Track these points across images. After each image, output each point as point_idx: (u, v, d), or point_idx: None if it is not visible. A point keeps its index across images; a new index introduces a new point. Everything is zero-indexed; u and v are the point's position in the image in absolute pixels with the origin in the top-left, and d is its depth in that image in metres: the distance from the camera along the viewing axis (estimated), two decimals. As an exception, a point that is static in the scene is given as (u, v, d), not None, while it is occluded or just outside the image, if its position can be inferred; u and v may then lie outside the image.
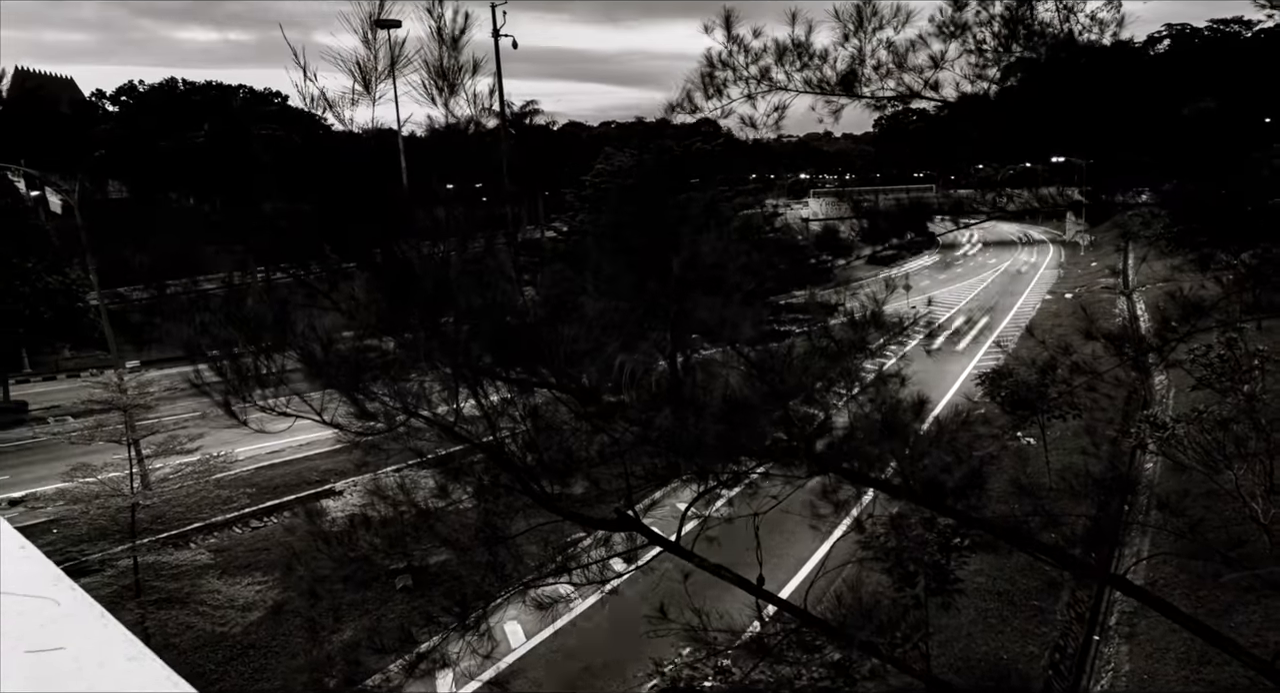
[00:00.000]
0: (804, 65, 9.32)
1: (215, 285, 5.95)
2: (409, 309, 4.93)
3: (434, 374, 5.08)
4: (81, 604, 0.96)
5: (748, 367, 5.89)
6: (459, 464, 5.82)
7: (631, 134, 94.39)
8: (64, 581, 0.96)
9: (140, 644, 0.92)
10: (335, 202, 6.07)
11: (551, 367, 5.25)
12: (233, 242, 6.90)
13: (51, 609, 0.91)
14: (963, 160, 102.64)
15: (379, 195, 6.30)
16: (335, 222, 5.91)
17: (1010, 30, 9.20)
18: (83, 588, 1.00)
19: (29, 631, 0.88)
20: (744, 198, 53.90)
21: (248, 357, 4.64)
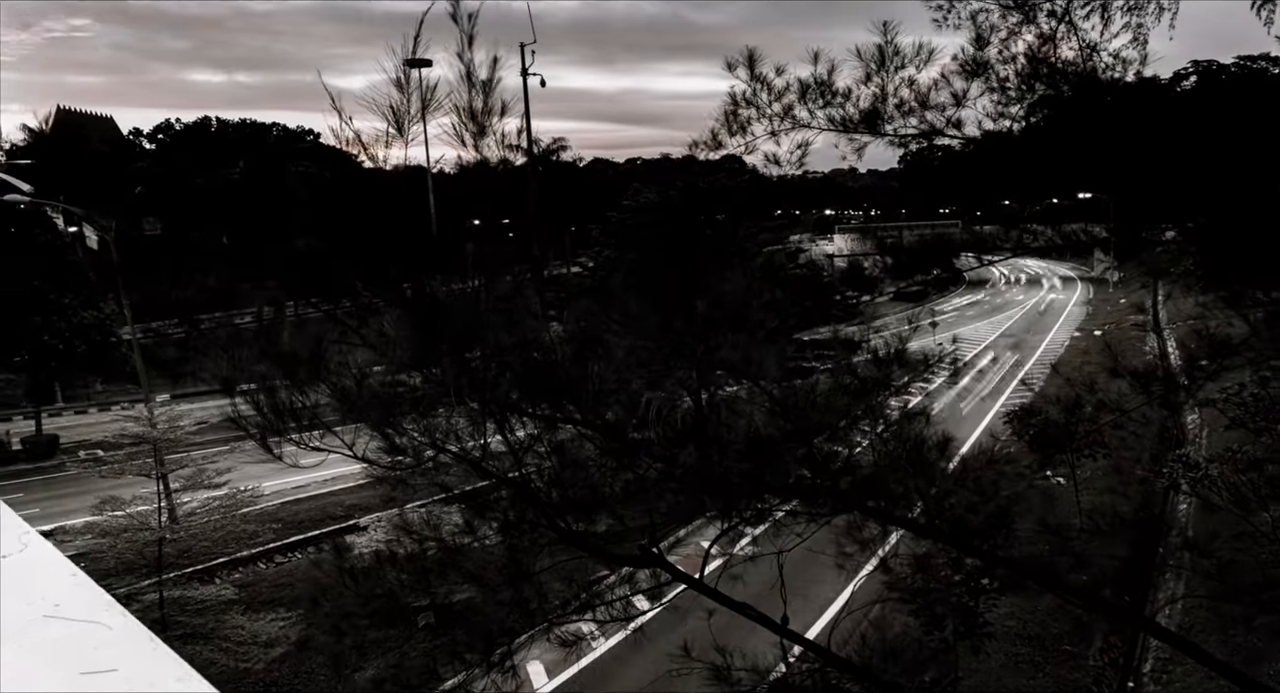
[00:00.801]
0: (827, 103, 9.41)
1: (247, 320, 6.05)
2: (438, 345, 5.00)
3: (462, 409, 5.13)
4: (132, 629, 1.00)
5: (771, 404, 5.89)
6: (485, 500, 5.85)
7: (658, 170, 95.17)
8: (115, 606, 1.00)
9: (188, 667, 0.96)
10: (366, 238, 6.18)
11: (577, 403, 5.29)
12: (265, 277, 7.03)
13: (104, 634, 0.96)
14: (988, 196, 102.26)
15: (409, 232, 6.41)
16: (366, 257, 6.02)
17: (1033, 69, 9.26)
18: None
19: (83, 653, 0.93)
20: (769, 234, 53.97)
21: (283, 392, 4.72)
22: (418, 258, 6.15)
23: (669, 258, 9.51)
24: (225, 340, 5.17)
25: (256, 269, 51.99)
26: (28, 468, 43.80)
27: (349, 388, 4.76)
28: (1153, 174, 10.28)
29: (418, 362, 5.11)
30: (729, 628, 7.91)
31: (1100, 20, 10.29)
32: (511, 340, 5.19)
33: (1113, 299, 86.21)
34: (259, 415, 4.85)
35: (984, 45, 9.20)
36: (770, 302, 7.43)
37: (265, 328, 7.83)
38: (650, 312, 6.72)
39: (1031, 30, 10.17)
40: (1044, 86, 9.35)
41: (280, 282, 7.47)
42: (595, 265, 57.05)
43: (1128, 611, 8.41)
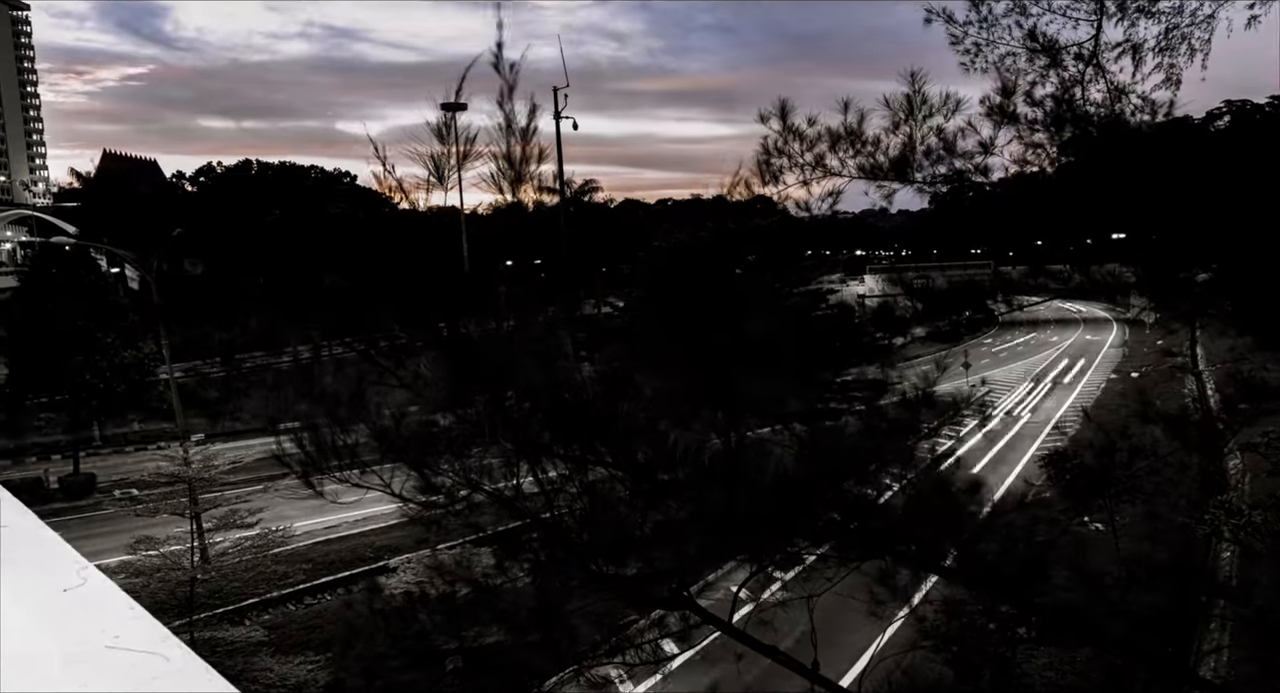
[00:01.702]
0: (857, 152, 9.51)
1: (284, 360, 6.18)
2: (472, 386, 5.07)
3: (495, 449, 5.18)
4: (189, 661, 1.05)
5: (800, 446, 5.89)
6: (517, 540, 5.87)
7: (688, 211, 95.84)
8: (172, 639, 1.05)
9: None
10: (402, 279, 6.30)
11: (607, 444, 5.32)
12: (302, 317, 7.17)
13: (162, 664, 1.01)
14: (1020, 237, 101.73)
15: (444, 273, 6.52)
16: (402, 298, 6.13)
17: (1059, 114, 9.30)
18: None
19: (142, 683, 0.98)
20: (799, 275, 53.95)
21: (326, 431, 4.81)
22: (452, 299, 6.26)
23: (699, 299, 9.55)
24: (269, 381, 5.28)
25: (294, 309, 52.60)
26: (64, 507, 44.41)
27: (388, 427, 4.84)
28: (1186, 215, 10.24)
29: (453, 402, 5.19)
30: (758, 674, 7.81)
31: (1131, 62, 10.32)
32: (544, 381, 5.25)
33: (1149, 341, 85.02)
34: (302, 453, 4.93)
35: (1010, 93, 9.27)
36: (799, 344, 7.45)
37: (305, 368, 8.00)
38: (680, 353, 6.76)
39: (1059, 74, 10.22)
40: (1072, 130, 9.38)
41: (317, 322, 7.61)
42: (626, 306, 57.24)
43: (1169, 662, 8.21)
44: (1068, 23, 10.24)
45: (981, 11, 10.29)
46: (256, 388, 33.44)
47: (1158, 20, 10.35)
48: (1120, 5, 10.17)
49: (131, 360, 52.10)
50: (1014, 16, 10.20)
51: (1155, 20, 10.35)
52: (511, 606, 6.02)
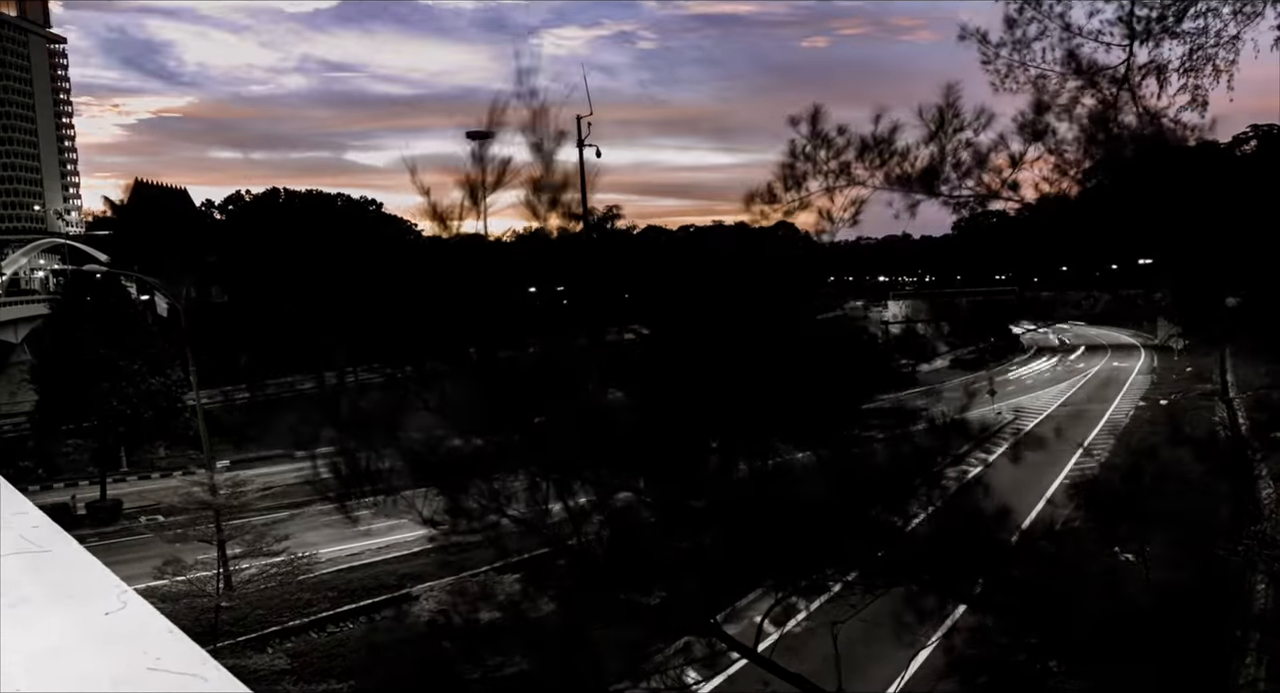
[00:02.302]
0: (884, 162, 9.49)
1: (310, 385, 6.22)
2: (502, 411, 5.10)
3: (523, 474, 5.19)
4: (226, 682, 1.06)
5: (826, 473, 5.85)
6: (544, 566, 5.85)
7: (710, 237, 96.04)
8: (210, 662, 1.07)
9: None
10: (430, 305, 6.35)
11: (633, 470, 5.32)
12: (331, 343, 7.24)
13: (200, 685, 1.02)
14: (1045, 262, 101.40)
15: (472, 299, 6.56)
16: (430, 324, 6.18)
17: (1092, 133, 9.27)
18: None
19: (182, 704, 1.00)
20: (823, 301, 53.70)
21: (357, 456, 4.84)
22: (480, 325, 6.30)
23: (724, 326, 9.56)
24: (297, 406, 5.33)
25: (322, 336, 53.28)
26: (91, 533, 44.76)
27: (418, 452, 4.87)
28: (1214, 240, 10.15)
29: (482, 427, 5.21)
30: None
31: (1156, 83, 10.29)
32: (570, 407, 5.27)
33: (1178, 367, 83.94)
34: (334, 478, 4.96)
35: (1044, 110, 9.26)
36: (823, 370, 7.43)
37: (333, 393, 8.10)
38: (705, 380, 6.75)
39: (1092, 95, 10.21)
40: (1104, 151, 9.35)
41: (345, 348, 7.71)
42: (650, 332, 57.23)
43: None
44: (1100, 46, 10.25)
45: (1015, 33, 10.33)
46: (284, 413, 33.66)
47: (1182, 41, 10.31)
48: (1147, 27, 10.15)
49: (159, 387, 52.67)
50: (1047, 39, 10.22)
51: (1180, 41, 10.31)
52: (537, 633, 6.00)
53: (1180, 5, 10.23)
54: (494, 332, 6.15)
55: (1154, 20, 10.19)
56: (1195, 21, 10.35)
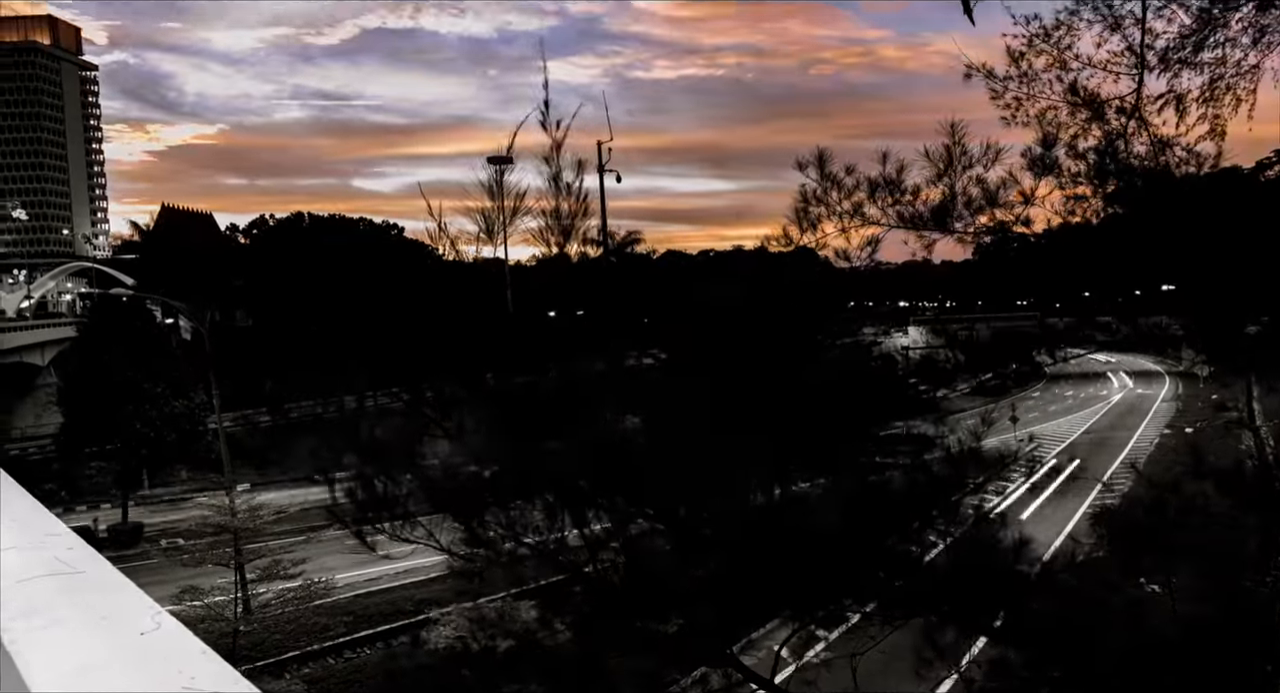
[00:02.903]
0: (895, 201, 9.55)
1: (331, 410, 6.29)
2: (518, 437, 5.13)
3: (539, 502, 5.22)
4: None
5: (844, 501, 5.84)
6: (559, 594, 5.86)
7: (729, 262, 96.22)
8: (243, 682, 1.10)
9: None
10: (449, 330, 6.41)
11: (650, 497, 5.33)
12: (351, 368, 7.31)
13: (235, 706, 1.07)
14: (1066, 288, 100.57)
15: (489, 325, 6.62)
16: (449, 348, 6.24)
17: (1101, 166, 9.27)
18: None
19: (218, 724, 1.04)
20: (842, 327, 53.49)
21: (378, 482, 4.89)
22: (498, 350, 6.36)
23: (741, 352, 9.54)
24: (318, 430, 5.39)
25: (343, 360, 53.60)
26: (112, 556, 44.71)
27: (435, 478, 4.91)
28: (1238, 266, 10.09)
29: (498, 454, 5.25)
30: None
31: (1175, 113, 10.27)
32: (587, 434, 5.30)
33: (1203, 395, 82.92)
34: (352, 504, 5.00)
35: (1051, 145, 9.29)
36: (842, 397, 7.42)
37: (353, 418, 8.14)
38: (723, 406, 6.77)
39: (1101, 127, 10.21)
40: (1115, 183, 9.34)
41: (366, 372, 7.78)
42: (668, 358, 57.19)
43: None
44: (1109, 77, 10.25)
45: (1021, 67, 10.36)
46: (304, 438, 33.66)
47: (1200, 71, 10.29)
48: (1162, 57, 10.14)
49: (181, 410, 53.09)
50: (1054, 71, 10.25)
51: (1198, 71, 10.30)
52: (554, 661, 5.98)
53: (1199, 36, 10.23)
54: (512, 356, 6.21)
55: (1170, 51, 10.19)
56: (1214, 52, 10.33)
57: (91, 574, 1.56)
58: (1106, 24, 9.98)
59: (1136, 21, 9.90)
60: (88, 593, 1.46)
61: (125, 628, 1.26)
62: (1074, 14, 10.06)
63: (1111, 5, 9.93)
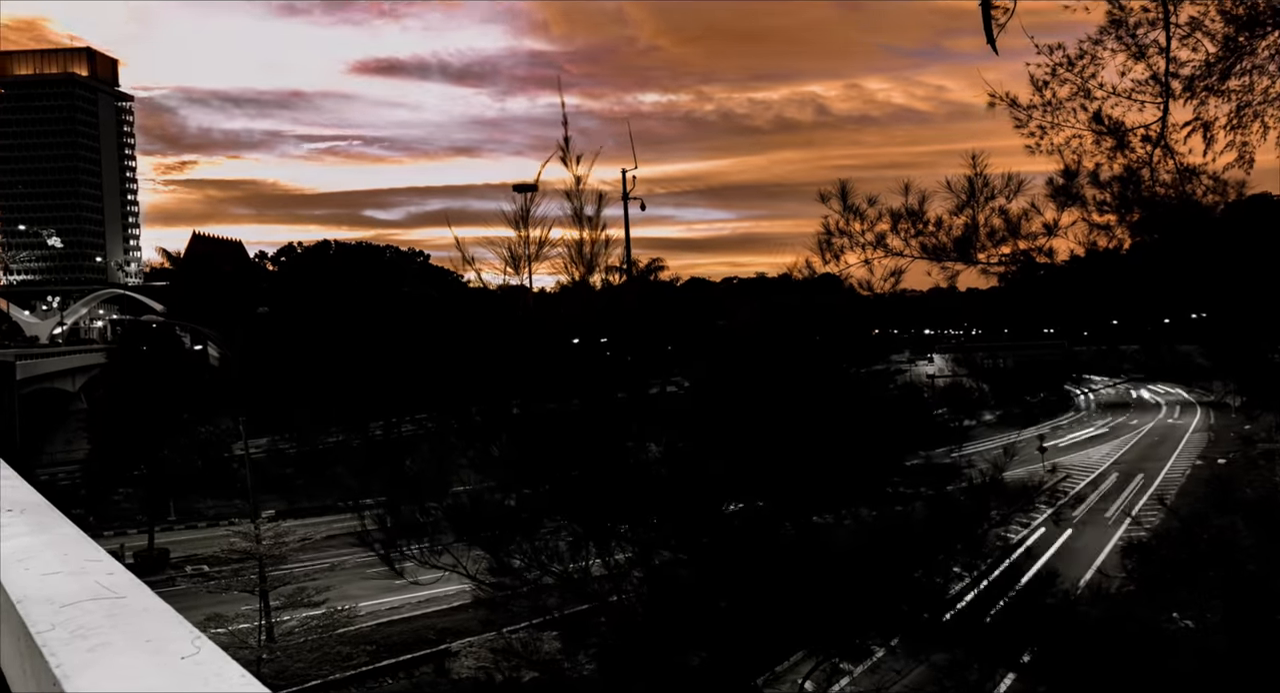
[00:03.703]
0: (918, 232, 9.56)
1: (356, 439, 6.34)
2: (543, 466, 5.16)
3: (565, 531, 5.23)
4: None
5: (868, 533, 5.80)
6: (584, 624, 5.84)
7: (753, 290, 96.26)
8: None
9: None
10: (475, 357, 6.47)
11: (673, 528, 5.33)
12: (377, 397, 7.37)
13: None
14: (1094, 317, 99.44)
15: (514, 352, 6.67)
16: (473, 376, 6.30)
17: (1126, 195, 9.25)
18: None
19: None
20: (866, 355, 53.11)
21: (406, 509, 4.93)
22: (523, 379, 6.41)
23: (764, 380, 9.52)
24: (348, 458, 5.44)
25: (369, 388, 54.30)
26: (140, 581, 45.03)
27: (464, 506, 4.95)
28: (1268, 295, 9.99)
29: (524, 481, 5.28)
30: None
31: (1203, 140, 10.22)
32: (611, 463, 5.32)
33: (1236, 424, 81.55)
34: (380, 531, 5.05)
35: (1073, 175, 9.28)
36: (867, 426, 7.39)
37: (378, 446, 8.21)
38: (744, 434, 6.76)
39: (1126, 155, 10.18)
40: (1139, 212, 9.31)
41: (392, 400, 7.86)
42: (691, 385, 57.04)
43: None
44: (1133, 105, 10.23)
45: (1045, 95, 10.37)
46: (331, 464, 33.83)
47: (1227, 98, 10.25)
48: (1188, 85, 10.12)
49: (208, 436, 53.54)
50: (1079, 100, 10.24)
51: (1225, 99, 10.25)
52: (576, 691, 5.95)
53: (1226, 63, 10.21)
54: (537, 384, 6.25)
55: (1196, 78, 10.16)
56: (1241, 79, 10.30)
57: (133, 600, 1.60)
58: (1130, 53, 9.98)
59: (1160, 50, 9.90)
60: (130, 618, 1.50)
61: (168, 652, 1.29)
62: (1097, 43, 10.08)
63: (1135, 35, 9.95)
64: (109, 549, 8.08)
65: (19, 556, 1.95)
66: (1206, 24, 9.87)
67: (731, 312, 47.79)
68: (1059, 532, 40.11)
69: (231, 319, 55.37)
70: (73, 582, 1.71)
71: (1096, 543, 41.93)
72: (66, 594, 1.60)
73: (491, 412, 6.04)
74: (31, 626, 1.43)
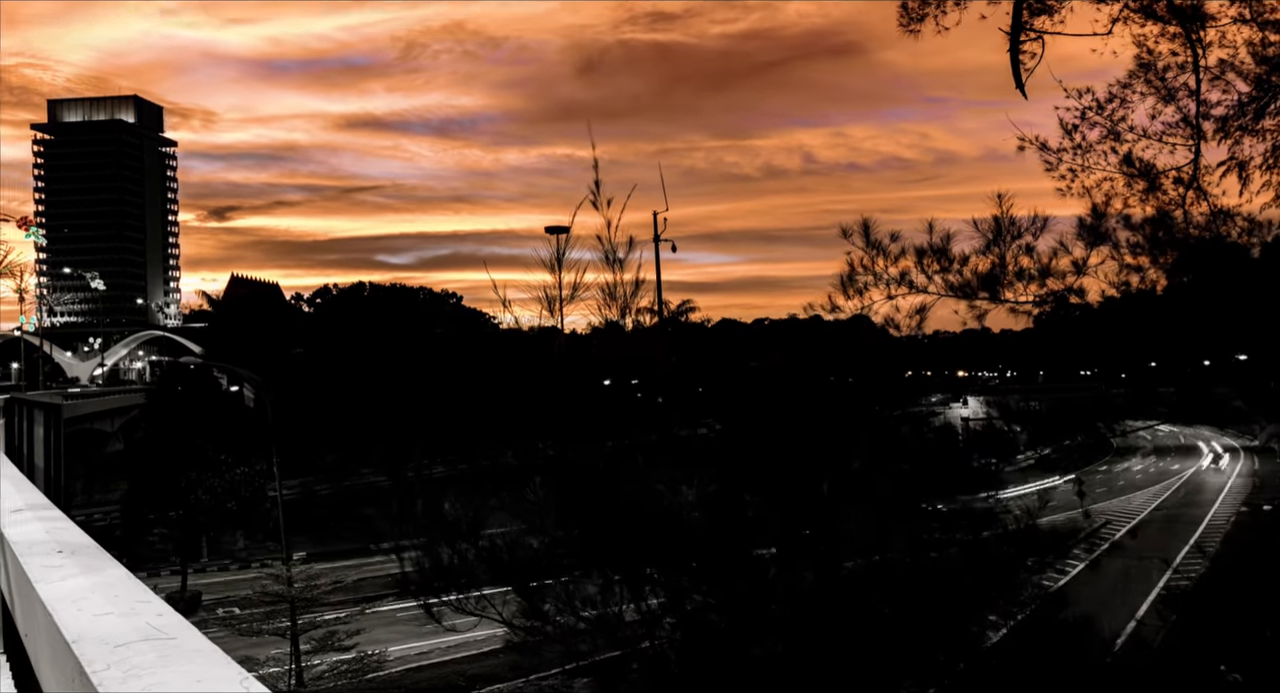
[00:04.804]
0: (943, 268, 9.55)
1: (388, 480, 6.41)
2: (575, 510, 5.18)
3: (596, 575, 5.24)
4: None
5: (902, 580, 5.75)
6: (616, 671, 5.80)
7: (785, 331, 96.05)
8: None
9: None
10: (507, 399, 6.53)
11: (706, 574, 5.31)
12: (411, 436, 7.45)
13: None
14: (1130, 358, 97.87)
15: (548, 396, 6.72)
16: (507, 418, 6.36)
17: (1156, 238, 9.20)
18: None
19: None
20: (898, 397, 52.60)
21: (444, 554, 4.97)
22: (555, 420, 6.45)
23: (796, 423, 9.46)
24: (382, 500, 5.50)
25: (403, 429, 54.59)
26: (171, 623, 45.03)
27: (498, 550, 4.97)
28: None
29: (558, 526, 5.30)
30: None
31: (1238, 180, 10.15)
32: (645, 507, 5.33)
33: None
34: (418, 575, 5.08)
35: (1102, 216, 9.26)
36: (899, 471, 7.34)
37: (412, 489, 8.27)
38: (776, 479, 6.74)
39: (1158, 198, 10.13)
40: (1173, 254, 9.25)
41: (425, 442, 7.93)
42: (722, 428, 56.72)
43: None
44: (1164, 148, 10.20)
45: (1075, 138, 10.38)
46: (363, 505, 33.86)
47: (1262, 138, 10.20)
48: (1221, 125, 10.09)
49: (242, 477, 53.85)
50: (1109, 142, 10.24)
51: (1260, 138, 10.20)
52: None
53: (1259, 103, 10.18)
54: (569, 427, 6.29)
55: (1229, 119, 10.13)
56: (1275, 118, 10.26)
57: (182, 640, 1.66)
58: (1160, 96, 9.99)
59: (1190, 93, 9.89)
60: (181, 658, 1.55)
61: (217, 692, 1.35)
62: (1126, 87, 10.10)
63: (1164, 78, 9.96)
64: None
65: (73, 596, 2.02)
66: (1237, 64, 9.86)
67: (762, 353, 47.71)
68: (1097, 579, 39.18)
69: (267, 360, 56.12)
70: (124, 623, 1.77)
71: (1137, 592, 40.87)
72: (119, 635, 1.66)
73: (525, 454, 6.09)
74: (88, 665, 1.49)
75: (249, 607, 30.81)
